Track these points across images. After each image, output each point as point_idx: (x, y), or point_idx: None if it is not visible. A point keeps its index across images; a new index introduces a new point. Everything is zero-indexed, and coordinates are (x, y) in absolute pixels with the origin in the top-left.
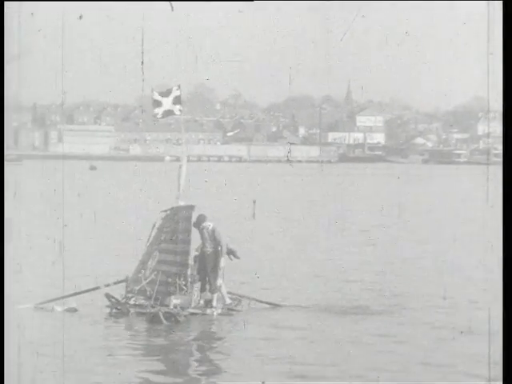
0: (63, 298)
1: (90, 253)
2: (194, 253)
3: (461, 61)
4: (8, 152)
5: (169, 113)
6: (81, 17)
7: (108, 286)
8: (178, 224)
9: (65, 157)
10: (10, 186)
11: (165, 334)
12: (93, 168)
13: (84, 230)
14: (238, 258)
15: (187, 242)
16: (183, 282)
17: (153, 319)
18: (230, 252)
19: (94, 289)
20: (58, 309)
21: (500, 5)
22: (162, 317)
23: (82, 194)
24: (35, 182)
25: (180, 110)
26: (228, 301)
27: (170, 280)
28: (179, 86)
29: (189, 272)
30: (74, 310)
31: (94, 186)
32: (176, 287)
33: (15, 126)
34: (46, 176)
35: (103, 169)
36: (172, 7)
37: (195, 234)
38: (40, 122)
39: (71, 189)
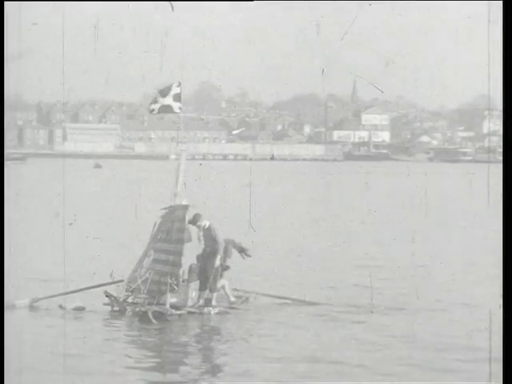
0: (60, 295)
1: (94, 250)
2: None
3: (466, 59)
4: (13, 151)
5: (166, 109)
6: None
7: (104, 285)
8: (173, 223)
9: (70, 155)
10: (13, 184)
11: (150, 333)
12: (97, 166)
13: (88, 228)
14: (249, 256)
15: (180, 241)
16: (175, 282)
17: (142, 318)
18: (242, 250)
19: (91, 287)
20: (67, 307)
21: (500, 5)
22: (151, 316)
23: (86, 192)
24: (39, 180)
25: (180, 108)
26: (232, 299)
27: (162, 279)
28: (179, 83)
29: (181, 272)
30: (82, 309)
31: (98, 183)
32: (167, 286)
33: (20, 125)
34: (49, 174)
35: (108, 167)
36: (172, 7)
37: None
38: (45, 121)
39: (75, 187)
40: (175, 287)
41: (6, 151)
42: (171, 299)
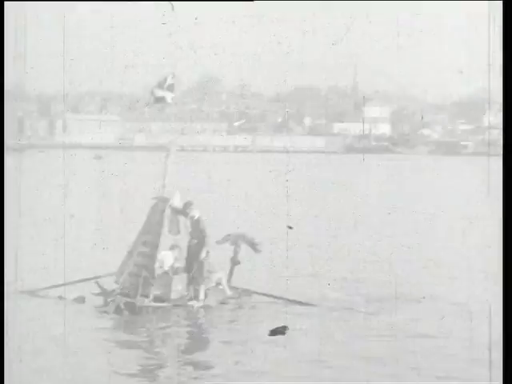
0: (53, 287)
1: (92, 243)
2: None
3: (467, 52)
4: (13, 141)
5: (160, 99)
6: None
7: (98, 277)
8: (155, 215)
9: (70, 146)
10: (12, 175)
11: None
12: (98, 157)
13: (87, 220)
14: (259, 251)
15: (158, 234)
16: (150, 275)
17: (116, 310)
18: (252, 245)
19: (85, 280)
20: (67, 298)
21: (500, 5)
22: (122, 307)
23: (85, 183)
24: (38, 171)
25: (172, 99)
26: (229, 293)
27: (139, 271)
28: (174, 74)
29: (156, 264)
30: (83, 300)
31: (98, 175)
32: (142, 279)
33: (20, 116)
34: (48, 165)
35: (108, 158)
36: (172, 7)
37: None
38: (45, 112)
39: (74, 178)
40: (150, 280)
41: (6, 142)
42: (155, 291)
